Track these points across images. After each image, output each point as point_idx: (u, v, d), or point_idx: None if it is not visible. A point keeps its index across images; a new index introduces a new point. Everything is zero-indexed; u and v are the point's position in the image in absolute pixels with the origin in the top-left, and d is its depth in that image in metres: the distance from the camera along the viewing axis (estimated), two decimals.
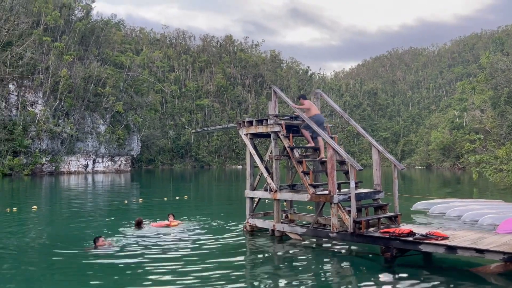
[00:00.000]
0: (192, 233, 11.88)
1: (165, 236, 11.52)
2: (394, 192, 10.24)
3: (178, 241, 10.88)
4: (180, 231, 12.22)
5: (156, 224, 12.89)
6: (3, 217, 15.50)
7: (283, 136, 10.85)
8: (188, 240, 10.98)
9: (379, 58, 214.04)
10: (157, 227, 12.56)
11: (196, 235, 11.58)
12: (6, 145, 57.73)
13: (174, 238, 11.24)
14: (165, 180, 51.89)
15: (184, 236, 11.52)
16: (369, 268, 8.37)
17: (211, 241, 10.74)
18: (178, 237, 11.32)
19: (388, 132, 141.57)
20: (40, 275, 7.99)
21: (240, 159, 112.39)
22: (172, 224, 12.84)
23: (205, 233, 11.86)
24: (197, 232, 12.03)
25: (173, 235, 11.58)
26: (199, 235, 11.66)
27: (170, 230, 12.30)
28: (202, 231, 12.19)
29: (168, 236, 11.44)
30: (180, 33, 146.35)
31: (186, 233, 11.89)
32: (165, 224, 12.82)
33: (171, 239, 11.14)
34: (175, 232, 11.99)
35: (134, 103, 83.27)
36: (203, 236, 11.49)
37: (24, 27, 66.82)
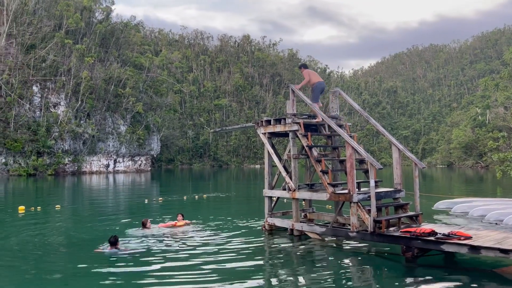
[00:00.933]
0: (207, 233, 11.94)
1: (179, 236, 11.55)
2: (415, 191, 10.09)
3: (195, 240, 10.95)
4: (192, 230, 12.15)
5: (164, 225, 12.76)
6: (28, 216, 15.91)
7: (301, 135, 10.81)
8: (206, 239, 11.04)
9: (399, 56, 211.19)
10: (164, 227, 12.46)
11: (213, 235, 11.63)
12: (31, 145, 59.21)
13: (190, 237, 11.29)
14: (184, 179, 52.36)
15: (201, 235, 11.59)
16: (390, 268, 8.27)
17: (230, 240, 10.78)
18: (195, 237, 11.38)
19: (408, 131, 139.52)
20: (61, 275, 8.16)
21: (258, 158, 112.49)
22: (178, 224, 12.70)
23: (224, 232, 11.91)
24: (212, 232, 12.09)
25: (188, 235, 11.54)
26: (215, 235, 11.71)
27: (178, 230, 12.18)
28: (218, 231, 12.23)
29: (182, 236, 11.40)
30: (198, 33, 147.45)
31: (201, 233, 11.95)
32: (171, 225, 12.70)
33: (187, 238, 11.21)
34: (188, 232, 11.89)
35: (154, 104, 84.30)
36: (221, 235, 11.55)
37: (47, 30, 68.40)
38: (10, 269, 8.45)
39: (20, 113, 60.73)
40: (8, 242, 10.90)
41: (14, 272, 8.19)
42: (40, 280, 7.63)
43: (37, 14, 70.09)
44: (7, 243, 10.84)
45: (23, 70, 63.34)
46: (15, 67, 62.58)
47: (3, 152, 57.83)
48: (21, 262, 8.91)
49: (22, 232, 12.42)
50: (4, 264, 8.82)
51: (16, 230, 12.82)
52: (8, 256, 9.47)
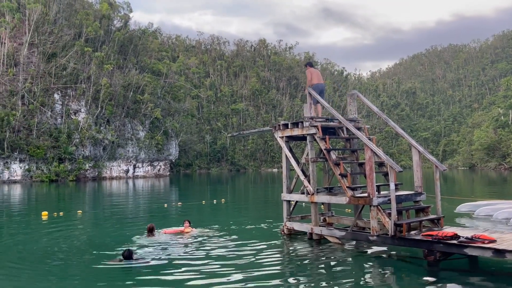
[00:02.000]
0: (224, 238, 11.96)
1: (193, 242, 11.57)
2: (436, 193, 9.92)
3: (212, 246, 10.98)
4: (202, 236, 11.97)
5: (169, 231, 12.41)
6: (51, 221, 16.23)
7: (319, 138, 10.76)
8: (223, 244, 11.07)
9: (417, 57, 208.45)
10: (171, 234, 12.16)
11: (231, 240, 11.65)
12: (53, 152, 60.49)
13: (205, 243, 11.29)
14: (202, 183, 52.66)
15: (217, 240, 11.62)
16: (411, 272, 8.14)
17: (249, 244, 10.77)
18: (209, 243, 11.40)
19: (428, 132, 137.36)
20: (80, 281, 8.29)
21: (275, 162, 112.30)
22: (186, 230, 12.37)
23: (243, 236, 11.91)
24: (230, 237, 12.10)
25: (202, 241, 11.43)
26: (233, 239, 11.72)
27: (186, 236, 11.97)
28: (237, 235, 12.23)
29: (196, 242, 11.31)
30: (215, 39, 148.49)
31: (216, 238, 11.97)
32: (179, 231, 12.39)
33: (202, 244, 11.23)
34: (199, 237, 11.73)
35: (172, 109, 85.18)
36: (240, 239, 11.55)
37: (67, 39, 69.98)
38: (32, 273, 8.62)
39: (42, 120, 62.15)
40: (32, 247, 11.14)
41: (31, 276, 8.36)
42: (57, 285, 7.77)
43: (57, 23, 71.80)
44: (31, 248, 11.08)
45: (45, 78, 64.90)
46: (37, 75, 64.17)
47: (26, 158, 59.23)
48: (43, 267, 9.09)
49: (46, 237, 12.68)
50: (27, 268, 9.02)
51: (40, 235, 13.10)
52: (31, 261, 9.67)
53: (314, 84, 11.56)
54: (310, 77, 11.62)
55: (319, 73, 11.83)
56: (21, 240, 12.25)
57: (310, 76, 11.63)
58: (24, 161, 59.33)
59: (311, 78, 11.60)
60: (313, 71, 11.72)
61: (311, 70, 11.76)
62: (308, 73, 11.72)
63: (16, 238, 12.65)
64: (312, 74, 11.65)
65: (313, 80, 11.59)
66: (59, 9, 72.87)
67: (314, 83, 11.57)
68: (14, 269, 8.97)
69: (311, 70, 11.74)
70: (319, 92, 11.47)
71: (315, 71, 11.77)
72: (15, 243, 11.79)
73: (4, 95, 61.23)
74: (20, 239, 12.53)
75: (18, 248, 11.10)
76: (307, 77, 11.74)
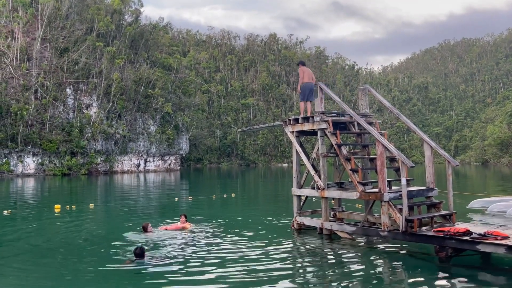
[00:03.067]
0: (233, 233, 12.01)
1: (200, 238, 11.64)
2: (448, 189, 9.83)
3: (221, 242, 11.03)
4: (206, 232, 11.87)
5: (168, 227, 12.09)
6: (64, 214, 16.45)
7: (330, 133, 10.71)
8: (231, 238, 11.11)
9: (430, 51, 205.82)
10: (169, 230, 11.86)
11: (240, 234, 11.69)
12: (65, 146, 61.19)
13: (212, 239, 11.33)
14: (212, 178, 52.87)
15: (227, 234, 11.66)
16: (422, 268, 8.09)
17: (259, 239, 10.80)
18: (218, 238, 11.46)
19: (440, 127, 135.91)
20: (91, 276, 8.38)
21: (285, 157, 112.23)
22: (185, 226, 12.13)
23: (253, 231, 11.95)
24: (239, 231, 12.14)
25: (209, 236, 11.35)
26: (243, 234, 11.76)
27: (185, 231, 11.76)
28: (246, 230, 12.26)
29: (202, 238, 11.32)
30: (225, 33, 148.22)
31: (226, 232, 12.02)
32: (177, 227, 12.11)
33: (210, 240, 11.28)
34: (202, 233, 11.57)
35: (182, 104, 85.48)
36: (250, 234, 11.59)
37: (79, 34, 70.49)
38: (44, 266, 8.75)
39: (55, 114, 62.85)
40: (44, 240, 11.31)
41: (46, 269, 8.48)
42: (70, 281, 7.87)
43: (69, 18, 72.32)
44: (43, 241, 11.25)
45: (57, 73, 65.52)
46: (49, 70, 64.81)
47: (39, 152, 60.02)
48: (53, 260, 9.22)
49: (58, 231, 12.86)
50: (39, 261, 9.16)
51: (52, 228, 13.29)
52: (43, 253, 9.82)
53: (304, 83, 11.94)
54: (302, 76, 12.01)
55: (310, 72, 12.15)
56: (34, 233, 12.45)
57: (302, 74, 12.02)
58: (37, 155, 60.13)
59: (303, 76, 11.99)
60: (305, 70, 12.10)
61: (303, 68, 12.15)
62: (301, 71, 12.11)
63: (29, 231, 12.86)
64: (304, 72, 12.03)
65: (304, 79, 11.98)
66: (71, 4, 73.34)
67: (304, 81, 11.95)
68: (27, 262, 9.12)
69: (303, 69, 12.13)
70: (309, 90, 11.89)
71: (307, 70, 12.13)
72: (28, 236, 11.99)
73: (18, 89, 61.99)
74: (33, 232, 12.73)
75: (31, 240, 11.28)
76: (299, 75, 12.13)
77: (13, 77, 62.35)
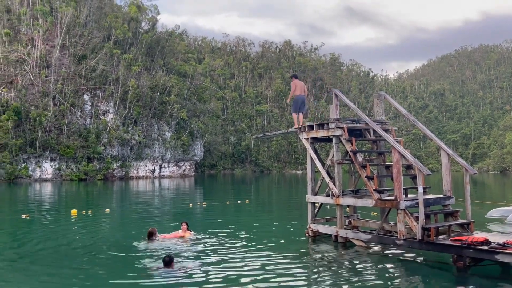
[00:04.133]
0: (248, 238, 11.99)
1: (214, 245, 11.66)
2: (466, 197, 9.67)
3: (233, 246, 11.03)
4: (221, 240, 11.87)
5: (168, 236, 11.59)
6: (80, 219, 16.67)
7: (345, 140, 10.66)
8: (246, 244, 11.10)
9: (446, 57, 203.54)
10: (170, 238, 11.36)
11: (253, 241, 11.67)
12: (82, 151, 62.12)
13: (227, 247, 11.35)
14: (226, 184, 52.96)
15: (241, 241, 11.66)
16: (439, 278, 7.96)
17: (273, 246, 10.78)
18: (231, 244, 11.46)
19: (457, 135, 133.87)
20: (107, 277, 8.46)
21: (299, 164, 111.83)
22: (184, 235, 11.65)
23: (268, 238, 11.91)
24: (249, 237, 12.12)
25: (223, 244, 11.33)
26: (254, 242, 11.74)
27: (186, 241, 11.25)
28: (260, 238, 12.24)
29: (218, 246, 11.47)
30: (240, 40, 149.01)
31: (240, 239, 12.01)
32: (178, 236, 11.64)
33: (225, 248, 11.29)
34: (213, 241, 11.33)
35: (197, 110, 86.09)
36: (265, 241, 11.56)
37: (97, 41, 71.76)
38: (61, 270, 8.87)
39: (72, 120, 63.92)
40: (62, 245, 11.47)
41: (65, 274, 8.60)
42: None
43: (88, 26, 73.71)
44: (62, 244, 11.41)
45: (75, 79, 66.74)
46: (67, 77, 66.06)
47: (57, 157, 61.02)
48: (71, 265, 9.34)
49: (76, 235, 13.03)
50: (56, 265, 9.29)
51: (69, 233, 13.47)
52: (62, 258, 9.96)
53: (296, 95, 12.46)
54: (294, 88, 12.46)
55: (302, 85, 12.60)
56: (51, 237, 12.64)
57: (294, 87, 12.47)
58: (54, 160, 61.14)
59: (295, 89, 12.44)
60: (297, 83, 12.52)
61: (295, 82, 12.57)
62: (293, 84, 12.55)
63: (47, 235, 13.05)
64: (296, 85, 12.47)
65: (296, 91, 12.44)
66: (89, 12, 74.79)
67: (296, 94, 12.44)
68: (45, 265, 9.25)
69: (296, 82, 12.56)
70: (301, 103, 12.40)
71: (299, 83, 12.56)
72: (45, 240, 12.17)
73: (37, 96, 63.29)
74: (51, 236, 12.92)
75: (49, 244, 11.45)
76: (291, 88, 12.56)
77: (32, 83, 63.71)
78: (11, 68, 64.05)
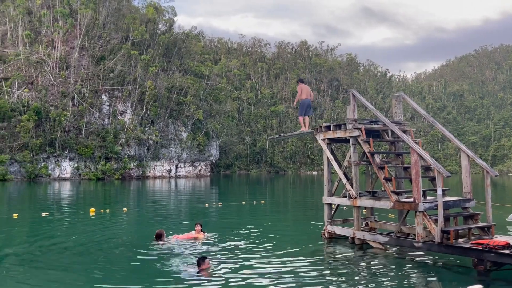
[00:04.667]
0: (263, 239, 11.97)
1: (232, 247, 11.67)
2: (486, 200, 9.48)
3: (252, 247, 11.02)
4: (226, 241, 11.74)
5: (181, 237, 11.52)
6: (98, 218, 16.90)
7: (363, 141, 10.56)
8: (262, 245, 11.08)
9: (465, 58, 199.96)
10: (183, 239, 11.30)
11: (269, 241, 11.64)
12: (100, 151, 63.04)
13: (244, 247, 11.35)
14: (242, 184, 53.04)
15: (257, 242, 11.64)
16: (459, 281, 7.82)
17: (289, 247, 10.73)
18: (251, 244, 11.46)
19: (477, 136, 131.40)
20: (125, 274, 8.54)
21: (315, 165, 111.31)
22: (198, 236, 11.54)
23: (283, 239, 11.89)
24: (265, 238, 12.09)
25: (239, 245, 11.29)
26: (271, 242, 11.71)
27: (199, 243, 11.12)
28: (275, 239, 12.20)
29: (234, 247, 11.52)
30: (256, 41, 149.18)
31: (256, 240, 12.00)
32: (191, 237, 11.53)
33: (241, 249, 11.29)
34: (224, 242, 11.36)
35: (213, 111, 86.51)
36: (280, 242, 11.53)
37: (115, 43, 72.77)
38: (80, 267, 9.01)
39: (91, 120, 64.93)
40: (81, 243, 11.64)
41: (83, 272, 8.73)
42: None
43: (106, 28, 74.79)
44: (82, 243, 11.58)
45: (94, 80, 67.79)
46: (86, 77, 67.16)
47: (76, 157, 62.05)
48: (90, 263, 9.47)
49: (94, 234, 13.22)
50: (75, 262, 9.43)
51: (88, 231, 13.67)
52: (78, 257, 10.11)
53: (302, 99, 12.86)
54: (300, 92, 12.90)
55: (308, 89, 13.05)
56: (70, 235, 12.83)
57: (300, 91, 12.90)
58: (73, 160, 62.17)
59: (301, 93, 12.87)
60: (303, 87, 12.94)
61: (301, 86, 13.00)
62: (299, 88, 12.96)
63: (66, 233, 13.27)
64: (302, 89, 12.88)
65: (302, 95, 12.85)
66: (108, 14, 75.87)
67: (302, 98, 12.85)
68: (66, 263, 9.41)
69: (302, 86, 12.97)
70: (307, 106, 12.84)
71: (305, 87, 12.99)
72: (65, 237, 12.37)
73: (56, 96, 64.49)
74: (70, 233, 13.13)
75: (68, 242, 11.63)
76: (298, 92, 13.03)
77: (52, 84, 64.95)
78: (32, 69, 65.43)
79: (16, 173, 56.84)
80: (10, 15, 71.02)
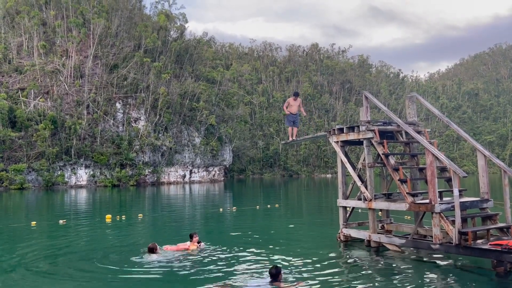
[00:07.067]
0: (279, 242, 11.95)
1: (248, 255, 11.68)
2: (505, 200, 9.34)
3: (267, 250, 11.02)
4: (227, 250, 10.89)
5: (174, 248, 10.87)
6: (115, 224, 17.08)
7: (377, 142, 10.50)
8: (278, 248, 11.07)
9: (480, 56, 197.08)
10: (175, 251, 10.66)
11: (285, 245, 11.62)
12: (115, 158, 63.71)
13: (259, 250, 11.36)
14: (256, 188, 53.02)
15: (273, 245, 11.63)
16: (478, 283, 7.70)
17: (305, 251, 10.71)
18: (267, 247, 11.45)
19: (493, 136, 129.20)
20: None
21: (329, 167, 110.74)
22: (190, 247, 10.83)
23: (297, 243, 11.86)
24: (280, 242, 12.07)
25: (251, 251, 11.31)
26: (283, 245, 11.68)
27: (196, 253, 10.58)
28: (293, 240, 12.17)
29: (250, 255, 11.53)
30: (267, 45, 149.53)
31: (271, 243, 11.98)
32: (183, 248, 10.84)
33: (259, 252, 11.29)
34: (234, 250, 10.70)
35: (226, 116, 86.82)
36: (297, 245, 11.51)
37: (128, 51, 73.66)
38: (98, 274, 9.11)
39: (105, 128, 65.71)
40: (99, 250, 11.78)
41: (104, 281, 8.83)
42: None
43: (119, 36, 75.79)
44: (100, 249, 11.72)
45: (107, 88, 68.67)
46: (100, 86, 68.07)
47: (91, 164, 62.82)
48: (107, 270, 9.58)
49: (110, 240, 13.36)
50: (92, 268, 9.55)
51: (104, 238, 13.83)
52: (94, 263, 10.23)
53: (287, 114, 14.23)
54: (287, 105, 14.11)
55: (297, 105, 14.09)
56: (88, 242, 13.01)
57: (287, 104, 14.11)
58: (89, 167, 62.94)
59: (287, 106, 14.09)
60: (291, 102, 14.03)
61: (289, 100, 14.11)
62: (287, 102, 14.21)
63: (84, 240, 13.45)
64: (289, 104, 14.02)
65: (290, 109, 14.06)
66: (120, 22, 76.89)
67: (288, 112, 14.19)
68: (84, 270, 9.53)
69: (290, 101, 14.10)
70: (292, 121, 14.22)
71: (294, 103, 14.04)
72: (85, 247, 12.53)
73: (71, 105, 65.48)
74: (87, 241, 13.31)
75: (85, 249, 11.78)
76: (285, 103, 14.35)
77: (67, 93, 65.99)
78: (47, 79, 66.59)
79: (33, 181, 57.78)
80: (25, 27, 72.50)
